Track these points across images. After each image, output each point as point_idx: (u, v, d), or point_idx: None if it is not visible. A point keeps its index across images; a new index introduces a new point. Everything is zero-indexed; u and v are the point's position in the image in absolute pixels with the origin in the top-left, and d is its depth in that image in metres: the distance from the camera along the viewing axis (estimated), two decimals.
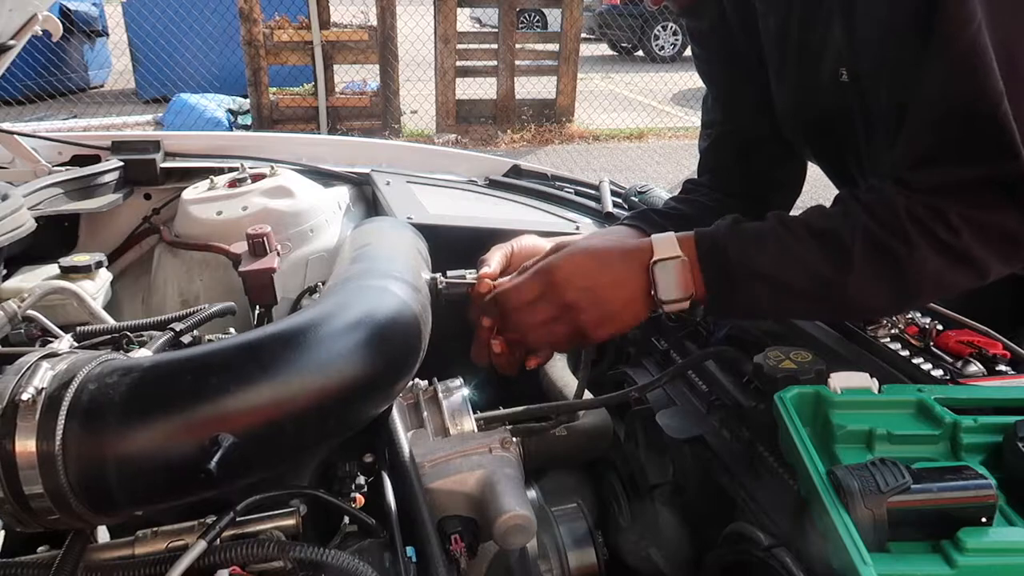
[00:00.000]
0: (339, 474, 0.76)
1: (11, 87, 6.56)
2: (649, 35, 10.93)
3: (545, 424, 0.94)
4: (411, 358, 0.75)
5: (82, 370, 0.59)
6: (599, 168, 6.19)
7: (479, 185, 1.65)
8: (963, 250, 0.74)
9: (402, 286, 0.79)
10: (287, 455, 0.65)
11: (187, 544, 0.64)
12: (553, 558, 0.84)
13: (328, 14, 6.38)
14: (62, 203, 1.38)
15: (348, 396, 0.65)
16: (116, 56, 8.50)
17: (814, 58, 0.88)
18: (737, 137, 1.13)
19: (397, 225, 1.08)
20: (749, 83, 1.06)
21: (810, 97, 0.94)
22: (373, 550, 0.69)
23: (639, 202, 1.44)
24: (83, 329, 0.89)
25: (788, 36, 0.93)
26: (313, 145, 1.74)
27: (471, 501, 0.78)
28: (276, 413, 0.60)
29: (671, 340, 1.10)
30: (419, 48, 7.17)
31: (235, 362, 0.61)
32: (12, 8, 1.27)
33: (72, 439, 0.55)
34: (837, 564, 0.58)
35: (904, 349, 0.86)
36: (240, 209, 1.31)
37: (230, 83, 7.00)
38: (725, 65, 1.11)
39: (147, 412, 0.57)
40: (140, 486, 0.57)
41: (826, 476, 0.62)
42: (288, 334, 0.64)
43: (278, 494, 0.69)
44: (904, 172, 0.76)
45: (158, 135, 1.64)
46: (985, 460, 0.67)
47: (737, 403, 0.87)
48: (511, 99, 6.95)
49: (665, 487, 0.98)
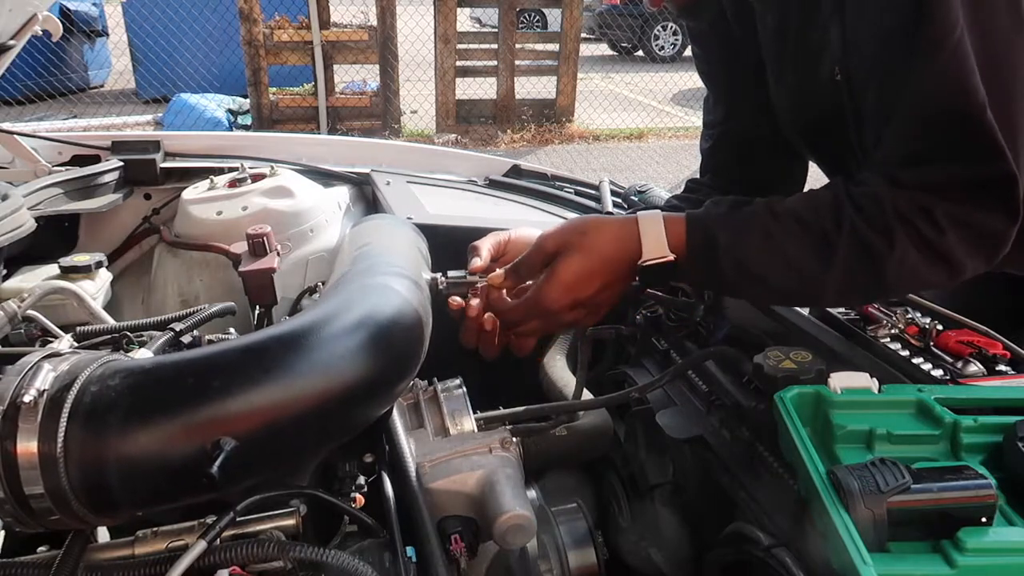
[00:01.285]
0: (339, 474, 0.76)
1: (11, 87, 6.56)
2: (649, 35, 10.93)
3: (545, 424, 0.94)
4: (413, 359, 0.75)
5: (84, 372, 0.59)
6: (599, 168, 6.19)
7: (479, 185, 1.65)
8: (944, 249, 0.75)
9: (404, 286, 0.79)
10: (289, 458, 0.65)
11: (187, 544, 0.64)
12: (553, 558, 0.84)
13: (328, 14, 6.38)
14: (62, 203, 1.38)
15: (351, 398, 0.65)
16: (116, 56, 8.50)
17: (811, 58, 0.89)
18: (738, 137, 1.13)
19: (396, 223, 1.08)
20: (749, 83, 1.06)
21: (808, 97, 0.94)
22: (373, 550, 0.69)
23: (639, 201, 1.44)
24: (83, 329, 0.89)
25: (786, 36, 0.94)
26: (313, 145, 1.74)
27: (471, 501, 0.78)
28: (278, 416, 0.60)
29: (671, 340, 1.10)
30: (419, 48, 7.17)
31: (237, 365, 0.61)
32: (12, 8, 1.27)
33: (74, 441, 0.55)
34: (837, 564, 0.58)
35: (904, 349, 0.86)
36: (240, 209, 1.31)
37: (230, 83, 7.00)
38: (725, 65, 1.11)
39: (149, 415, 0.57)
40: (141, 488, 0.57)
41: (826, 476, 0.62)
42: (290, 336, 0.64)
43: (278, 494, 0.69)
44: (894, 168, 0.77)
45: (158, 135, 1.63)
46: (985, 460, 0.67)
47: (737, 403, 0.87)
48: (511, 99, 6.95)
49: (665, 487, 0.98)
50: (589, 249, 0.83)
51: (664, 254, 0.81)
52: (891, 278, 0.77)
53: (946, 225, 0.74)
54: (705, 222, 0.82)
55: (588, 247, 0.83)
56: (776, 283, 0.80)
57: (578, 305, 0.84)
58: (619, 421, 1.08)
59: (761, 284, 0.81)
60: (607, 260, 0.83)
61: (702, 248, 0.81)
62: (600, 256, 0.83)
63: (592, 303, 0.85)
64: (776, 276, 0.79)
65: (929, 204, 0.74)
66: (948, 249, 0.75)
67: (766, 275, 0.80)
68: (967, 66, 0.72)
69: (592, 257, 0.83)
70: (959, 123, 0.73)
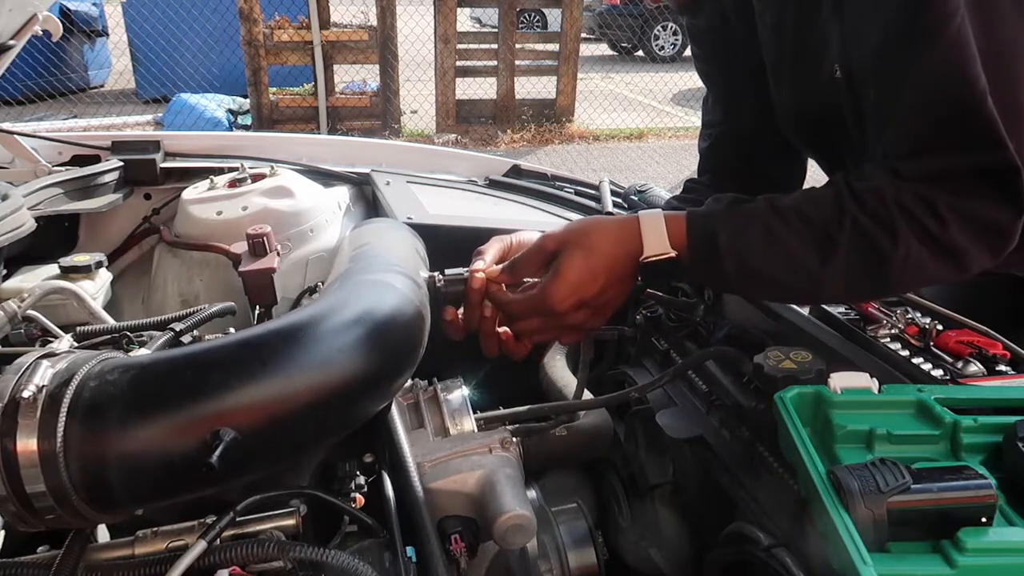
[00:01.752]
0: (339, 474, 0.76)
1: (11, 87, 6.56)
2: (649, 35, 10.93)
3: (545, 424, 0.94)
4: (412, 355, 0.75)
5: (82, 368, 0.59)
6: (599, 168, 6.18)
7: (479, 185, 1.65)
8: (948, 242, 0.74)
9: (402, 282, 0.79)
10: (288, 452, 0.65)
11: (187, 544, 0.64)
12: (553, 558, 0.84)
13: (328, 14, 6.38)
14: (62, 203, 1.38)
15: (349, 392, 0.65)
16: (116, 56, 8.49)
17: (810, 56, 0.89)
18: (737, 137, 1.13)
19: (394, 225, 1.08)
20: (748, 82, 1.06)
21: (807, 96, 0.94)
22: (373, 550, 0.69)
23: (639, 201, 1.44)
24: (83, 329, 0.89)
25: (784, 34, 0.94)
26: (313, 145, 1.74)
27: (471, 501, 0.78)
28: (277, 409, 0.60)
29: (671, 340, 1.10)
30: (419, 48, 7.17)
31: (236, 358, 0.61)
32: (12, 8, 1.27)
33: (73, 437, 0.55)
34: (837, 564, 0.58)
35: (904, 349, 0.86)
36: (240, 209, 1.31)
37: (230, 83, 7.00)
38: (725, 65, 1.11)
39: (148, 409, 0.57)
40: (142, 483, 0.57)
41: (826, 476, 0.62)
42: (289, 330, 0.64)
43: (278, 494, 0.69)
44: (895, 161, 0.77)
45: (158, 135, 1.63)
46: (985, 460, 0.67)
47: (737, 403, 0.87)
48: (511, 99, 6.95)
49: (665, 487, 0.98)
50: (591, 247, 0.83)
51: (666, 250, 0.81)
52: (896, 272, 0.76)
53: (949, 217, 0.73)
54: (706, 218, 0.82)
55: (590, 245, 0.83)
56: (778, 278, 0.79)
57: (583, 305, 0.84)
58: (619, 421, 1.08)
59: (763, 280, 0.80)
60: (609, 257, 0.83)
61: (703, 243, 0.81)
62: (602, 253, 0.83)
63: (596, 303, 0.84)
64: (778, 271, 0.79)
65: (931, 195, 0.73)
66: (952, 241, 0.74)
67: (768, 271, 0.79)
68: (967, 54, 0.71)
69: (594, 255, 0.83)
70: (959, 113, 0.72)
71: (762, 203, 0.81)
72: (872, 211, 0.75)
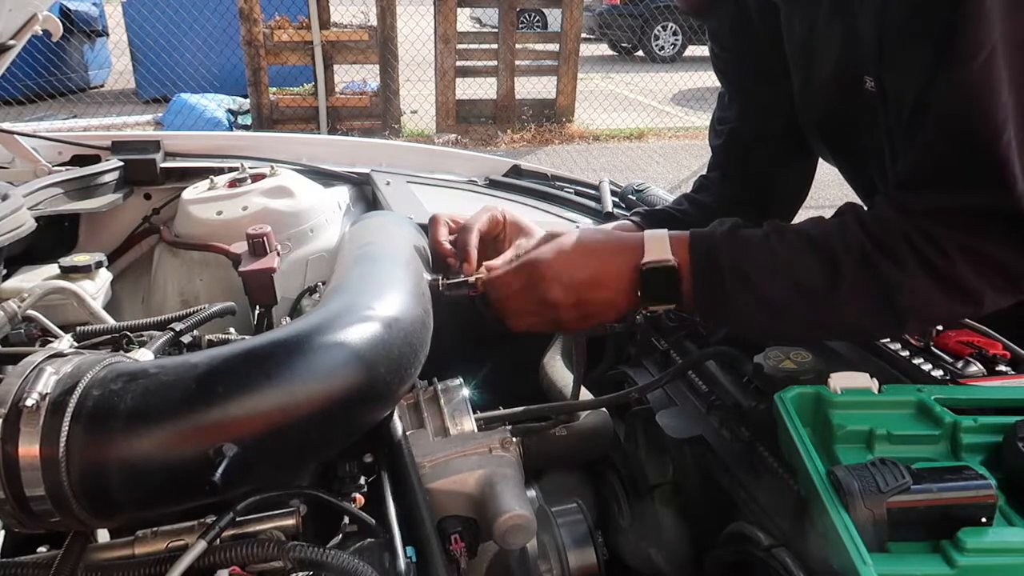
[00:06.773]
0: (339, 474, 0.75)
1: (11, 87, 6.55)
2: (649, 35, 10.93)
3: (545, 424, 0.94)
4: (415, 362, 0.75)
5: (87, 375, 0.59)
6: (599, 168, 6.19)
7: (479, 185, 1.65)
8: (958, 279, 0.72)
9: (406, 288, 0.79)
10: (291, 462, 0.65)
11: (187, 544, 0.64)
12: (553, 558, 0.84)
13: (328, 14, 6.38)
14: (62, 203, 1.38)
15: (353, 402, 0.65)
16: (116, 56, 8.49)
17: (841, 65, 0.87)
18: (751, 135, 1.12)
19: (398, 221, 1.07)
20: (767, 83, 1.05)
21: (835, 104, 0.93)
22: (373, 550, 0.68)
23: (637, 200, 1.44)
24: (83, 329, 0.89)
25: (814, 41, 0.92)
26: (313, 145, 1.74)
27: (471, 501, 0.78)
28: (280, 421, 0.60)
29: (671, 340, 1.10)
30: (419, 48, 7.17)
31: (240, 370, 0.60)
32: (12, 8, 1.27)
33: (76, 444, 0.55)
34: (837, 564, 0.58)
35: (904, 349, 0.86)
36: (240, 209, 1.31)
37: (230, 83, 7.00)
38: (742, 63, 1.10)
39: (152, 419, 0.57)
40: (142, 492, 0.57)
41: (826, 476, 0.62)
42: (293, 341, 0.64)
43: (278, 494, 0.69)
44: (903, 192, 0.76)
45: (158, 135, 1.64)
46: (985, 460, 0.67)
47: (737, 403, 0.87)
48: (511, 99, 6.95)
49: (665, 487, 0.98)
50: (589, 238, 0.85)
51: (666, 256, 0.80)
52: (904, 305, 0.74)
53: (954, 253, 0.71)
54: (710, 236, 0.81)
55: (590, 236, 0.85)
56: (783, 303, 0.77)
57: (569, 290, 0.82)
58: (619, 421, 1.08)
59: (766, 301, 0.78)
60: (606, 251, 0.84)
61: (705, 260, 0.80)
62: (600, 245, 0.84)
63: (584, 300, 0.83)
64: (783, 296, 0.77)
65: (934, 231, 0.72)
66: (961, 278, 0.72)
67: (771, 291, 0.77)
68: (990, 89, 0.68)
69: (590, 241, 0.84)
70: (969, 148, 0.70)
71: (767, 226, 0.81)
72: (878, 239, 0.74)
